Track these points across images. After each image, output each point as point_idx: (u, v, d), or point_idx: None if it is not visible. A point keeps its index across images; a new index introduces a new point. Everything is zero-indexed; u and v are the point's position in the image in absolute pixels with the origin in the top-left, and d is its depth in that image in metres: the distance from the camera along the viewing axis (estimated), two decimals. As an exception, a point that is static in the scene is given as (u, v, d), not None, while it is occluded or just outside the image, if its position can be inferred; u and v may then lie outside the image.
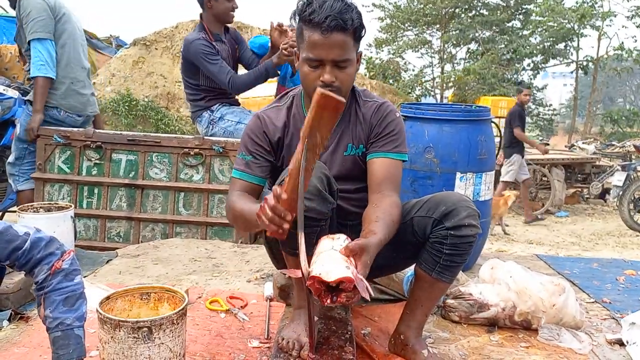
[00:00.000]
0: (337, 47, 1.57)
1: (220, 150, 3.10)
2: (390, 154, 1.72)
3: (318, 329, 1.78)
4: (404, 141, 1.76)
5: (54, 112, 3.11)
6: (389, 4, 17.59)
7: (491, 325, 2.02)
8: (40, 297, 1.41)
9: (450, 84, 17.24)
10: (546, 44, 16.37)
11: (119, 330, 1.39)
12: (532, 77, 17.96)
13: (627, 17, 15.88)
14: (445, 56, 18.26)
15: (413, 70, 18.27)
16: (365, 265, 1.34)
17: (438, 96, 17.67)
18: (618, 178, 8.13)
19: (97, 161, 3.17)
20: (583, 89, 20.99)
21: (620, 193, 7.75)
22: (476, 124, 2.64)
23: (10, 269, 1.51)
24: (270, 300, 2.15)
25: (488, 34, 17.46)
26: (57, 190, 3.18)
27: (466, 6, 17.22)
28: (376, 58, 17.67)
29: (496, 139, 2.84)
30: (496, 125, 2.85)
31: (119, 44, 12.52)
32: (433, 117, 2.61)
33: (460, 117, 2.62)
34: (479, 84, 15.76)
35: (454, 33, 17.52)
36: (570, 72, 18.58)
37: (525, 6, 17.08)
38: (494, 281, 2.08)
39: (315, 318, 1.79)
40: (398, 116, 1.78)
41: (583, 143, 11.27)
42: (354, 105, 1.78)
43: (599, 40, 16.30)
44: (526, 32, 16.94)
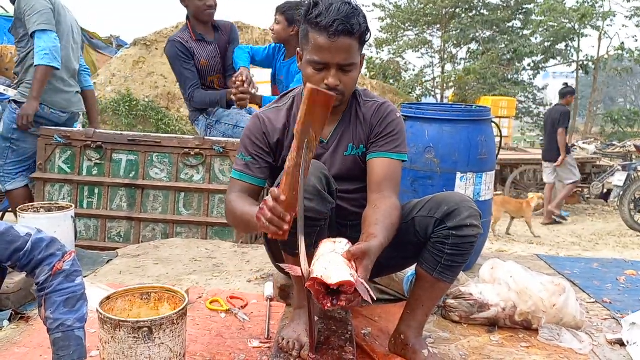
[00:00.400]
0: (343, 52, 1.57)
1: (221, 150, 3.10)
2: (390, 154, 1.72)
3: (318, 329, 1.78)
4: (404, 141, 1.76)
5: (40, 111, 3.09)
6: (389, 3, 17.60)
7: (491, 325, 2.02)
8: (41, 298, 1.41)
9: (450, 84, 17.24)
10: (547, 43, 16.36)
11: (120, 330, 1.39)
12: (533, 77, 17.95)
13: (627, 17, 15.88)
14: (445, 56, 18.26)
15: (413, 70, 18.29)
16: (367, 270, 1.34)
17: (438, 96, 17.67)
18: (619, 178, 8.13)
19: (98, 161, 3.17)
20: (584, 89, 20.98)
21: (621, 193, 7.74)
22: (477, 124, 2.64)
23: (12, 269, 1.51)
24: (271, 300, 2.15)
25: (488, 33, 17.47)
26: (58, 190, 3.18)
27: (466, 6, 17.23)
28: (376, 58, 17.67)
29: (496, 139, 2.84)
30: (496, 125, 2.85)
31: (120, 44, 12.53)
32: (433, 117, 2.61)
33: (460, 117, 2.61)
34: (479, 84, 15.76)
35: (454, 33, 17.53)
36: (571, 72, 18.57)
37: (526, 6, 17.08)
38: (495, 281, 2.08)
39: (316, 318, 1.79)
40: (398, 116, 1.78)
41: (584, 143, 11.28)
42: (354, 105, 1.78)
43: (600, 40, 16.29)
44: (527, 32, 16.93)
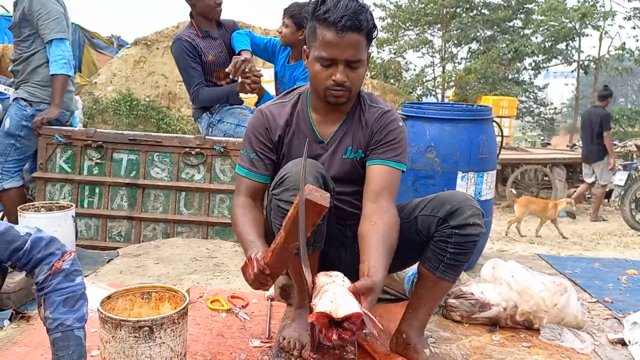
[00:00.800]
0: (351, 47, 1.57)
1: (222, 150, 3.10)
2: (389, 161, 1.70)
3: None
4: (404, 151, 1.74)
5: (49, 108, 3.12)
6: (390, 3, 17.60)
7: (493, 324, 2.01)
8: (40, 298, 1.40)
9: (451, 84, 17.23)
10: (547, 43, 16.36)
11: (120, 330, 1.39)
12: (533, 77, 17.95)
13: (625, 18, 15.85)
14: (446, 56, 18.25)
15: (414, 69, 18.28)
16: (372, 305, 1.35)
17: (439, 96, 17.67)
18: (619, 178, 8.11)
19: (98, 161, 3.17)
20: (584, 89, 20.97)
21: (622, 193, 7.74)
22: (477, 124, 2.64)
23: (12, 269, 1.50)
24: (272, 299, 2.15)
25: (489, 33, 17.46)
26: (58, 189, 3.18)
27: (467, 5, 17.22)
28: (377, 58, 17.66)
29: (497, 139, 2.84)
30: (498, 125, 2.84)
31: (120, 44, 12.53)
32: (434, 117, 2.61)
33: (461, 117, 2.61)
34: (480, 84, 15.75)
35: (455, 32, 17.52)
36: (572, 72, 18.57)
37: (527, 5, 17.07)
38: (496, 281, 2.08)
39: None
40: (401, 125, 1.77)
41: (584, 142, 11.25)
42: (358, 109, 1.77)
43: (601, 39, 16.28)
44: (527, 32, 16.92)
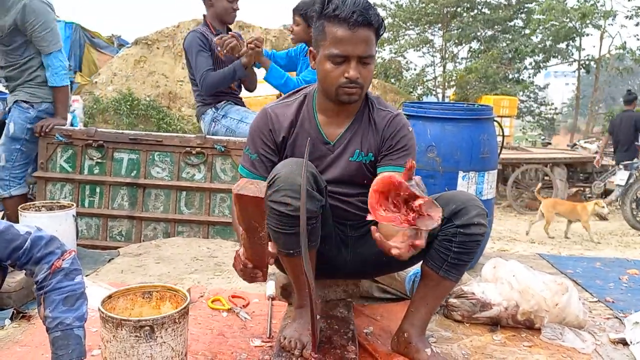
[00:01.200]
0: (363, 43, 1.58)
1: (222, 149, 3.10)
2: (402, 168, 1.71)
3: (320, 328, 1.78)
4: (414, 157, 1.77)
5: (51, 107, 3.11)
6: (391, 3, 17.58)
7: (494, 324, 2.01)
8: (40, 297, 1.40)
9: (452, 83, 17.22)
10: (547, 42, 16.34)
11: (121, 329, 1.39)
12: (534, 76, 17.93)
13: (627, 17, 15.83)
14: (446, 55, 18.23)
15: (415, 69, 18.26)
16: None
17: (440, 95, 17.65)
18: (620, 177, 8.12)
19: (99, 160, 3.17)
20: (585, 88, 20.93)
21: (623, 192, 7.74)
22: (478, 123, 2.63)
23: (12, 268, 1.50)
24: (272, 299, 2.15)
25: (490, 32, 17.43)
26: (59, 189, 3.18)
27: (468, 5, 17.19)
28: (378, 57, 17.65)
29: (498, 138, 2.83)
30: (499, 124, 2.84)
31: (121, 43, 12.56)
32: (435, 116, 2.60)
33: (462, 116, 2.61)
34: (481, 83, 15.73)
35: (455, 32, 17.49)
36: (572, 71, 18.55)
37: (528, 5, 17.05)
38: (497, 280, 2.07)
39: (318, 317, 1.78)
40: (411, 130, 1.79)
41: (585, 142, 11.27)
42: (366, 111, 1.77)
43: (601, 39, 16.26)
44: (528, 31, 16.90)
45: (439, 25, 17.82)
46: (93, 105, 10.55)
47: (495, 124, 2.78)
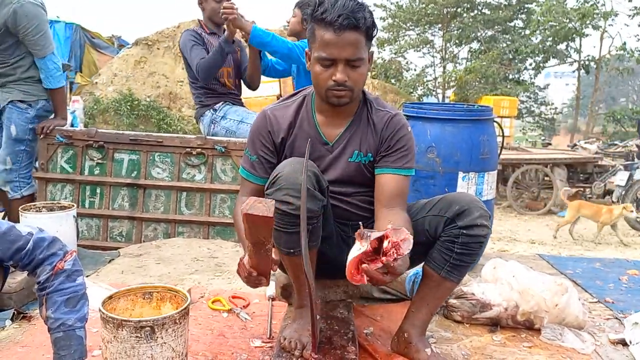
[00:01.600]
0: (350, 46, 1.57)
1: (223, 150, 3.10)
2: (401, 170, 1.72)
3: (320, 328, 1.78)
4: (413, 157, 1.76)
5: (47, 104, 3.09)
6: (391, 3, 17.60)
7: (494, 325, 2.01)
8: (42, 298, 1.41)
9: (452, 84, 17.23)
10: (547, 43, 16.34)
11: (122, 330, 1.39)
12: (534, 77, 17.94)
13: (629, 16, 15.84)
14: (447, 55, 18.25)
15: (415, 69, 18.27)
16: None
17: (440, 96, 17.67)
18: (620, 178, 8.12)
19: (100, 161, 3.17)
20: (585, 89, 20.94)
21: (623, 193, 7.74)
22: (478, 124, 2.63)
23: (14, 268, 1.51)
24: (273, 299, 2.15)
25: (490, 33, 17.44)
26: (60, 189, 3.18)
27: (468, 5, 17.21)
28: (378, 58, 17.66)
29: (498, 139, 2.84)
30: (499, 125, 2.84)
31: (121, 44, 12.57)
32: (435, 117, 2.60)
33: (462, 117, 2.61)
34: (481, 84, 15.74)
35: (455, 32, 17.51)
36: (572, 72, 18.55)
37: (528, 5, 17.05)
38: (497, 281, 2.08)
39: (318, 317, 1.79)
40: (409, 130, 1.78)
41: (585, 143, 11.27)
42: (365, 112, 1.77)
43: (601, 39, 16.27)
44: (528, 32, 16.91)
45: (439, 25, 17.85)
46: (93, 106, 10.55)
47: (495, 124, 2.78)
